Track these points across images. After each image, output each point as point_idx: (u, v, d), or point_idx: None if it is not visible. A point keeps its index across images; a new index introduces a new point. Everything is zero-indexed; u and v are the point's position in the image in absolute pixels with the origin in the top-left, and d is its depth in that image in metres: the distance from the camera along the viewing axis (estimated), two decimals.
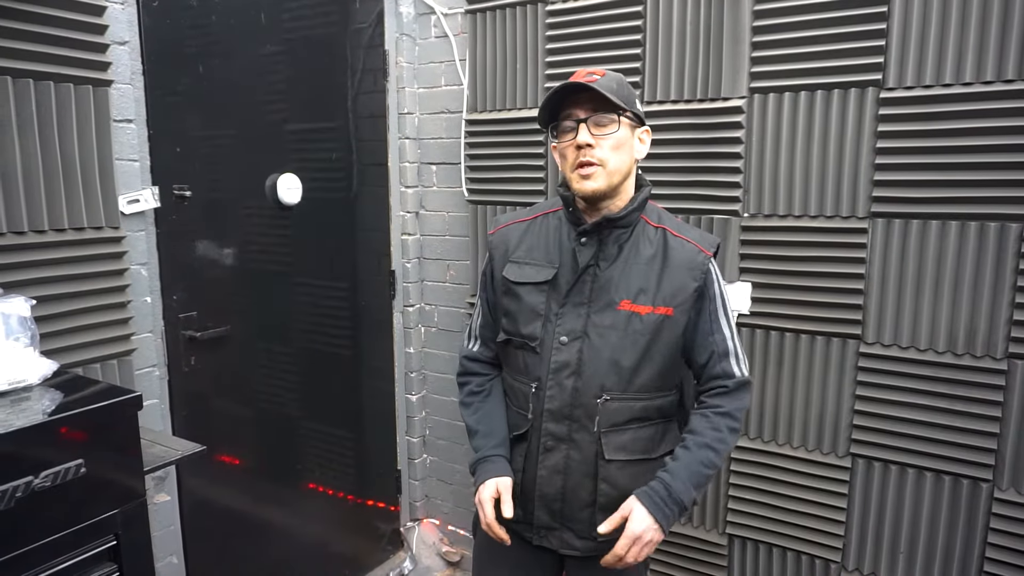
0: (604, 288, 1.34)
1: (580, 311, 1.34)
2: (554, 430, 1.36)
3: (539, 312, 1.37)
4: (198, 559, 1.97)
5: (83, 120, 1.57)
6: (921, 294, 1.77)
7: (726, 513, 2.10)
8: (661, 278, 1.34)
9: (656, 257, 1.35)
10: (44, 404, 1.16)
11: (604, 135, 1.29)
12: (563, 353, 1.34)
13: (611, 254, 1.35)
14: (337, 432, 2.45)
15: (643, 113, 1.36)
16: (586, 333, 1.34)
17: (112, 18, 1.62)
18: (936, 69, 1.68)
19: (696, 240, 1.38)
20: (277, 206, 2.12)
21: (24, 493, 1.03)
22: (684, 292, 1.34)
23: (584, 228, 1.35)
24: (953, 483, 1.79)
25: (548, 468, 1.37)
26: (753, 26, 1.87)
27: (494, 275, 1.47)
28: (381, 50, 2.45)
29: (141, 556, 1.22)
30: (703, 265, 1.35)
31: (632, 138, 1.34)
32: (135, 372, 1.72)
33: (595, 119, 1.29)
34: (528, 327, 1.38)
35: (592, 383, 1.33)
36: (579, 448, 1.36)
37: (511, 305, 1.42)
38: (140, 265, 1.74)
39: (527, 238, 1.44)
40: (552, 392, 1.35)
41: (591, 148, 1.28)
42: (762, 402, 2.01)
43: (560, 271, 1.37)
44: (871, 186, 1.79)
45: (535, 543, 1.43)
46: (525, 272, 1.40)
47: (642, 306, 1.32)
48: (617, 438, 1.35)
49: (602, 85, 1.27)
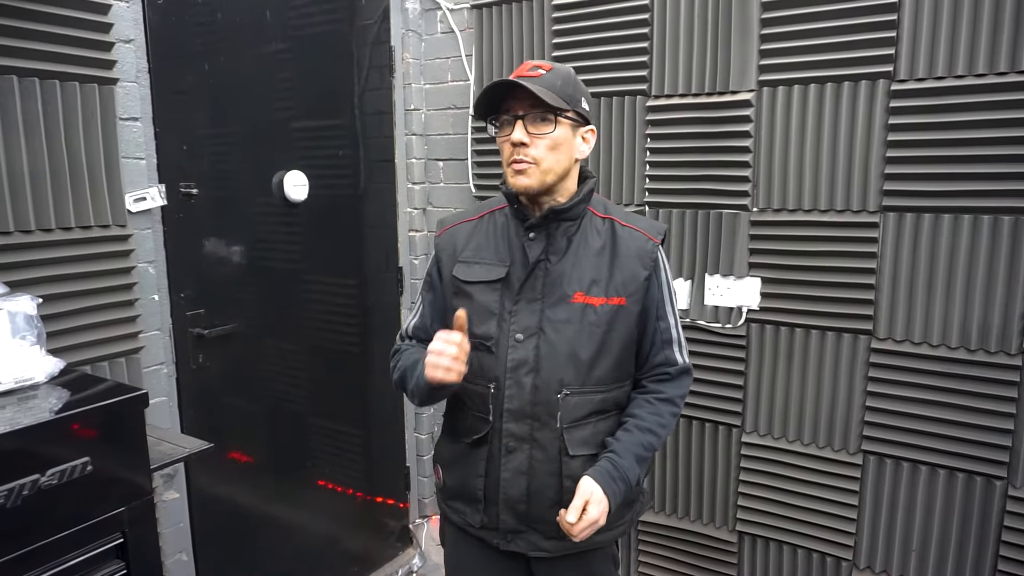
0: (556, 282, 1.32)
1: (534, 307, 1.32)
2: (515, 430, 1.33)
3: (493, 311, 1.34)
4: (207, 556, 1.98)
5: (89, 118, 1.57)
6: (933, 289, 1.75)
7: (736, 510, 2.08)
8: (612, 268, 1.32)
9: (606, 248, 1.34)
10: (51, 402, 1.16)
11: (540, 134, 1.25)
12: (519, 351, 1.31)
13: (560, 247, 1.33)
14: (345, 429, 2.45)
15: (588, 112, 1.32)
16: (541, 329, 1.31)
17: (117, 16, 1.62)
18: (948, 60, 1.66)
19: (644, 229, 1.37)
20: (284, 203, 2.12)
21: (31, 491, 1.03)
22: (636, 281, 1.33)
23: (531, 222, 1.32)
24: (966, 480, 1.77)
25: (511, 470, 1.34)
26: (762, 18, 1.85)
27: (442, 276, 1.43)
28: (387, 46, 2.44)
29: (148, 553, 1.22)
30: (652, 253, 1.35)
31: (573, 138, 1.30)
32: (143, 370, 1.73)
33: (532, 117, 1.25)
34: (482, 327, 1.34)
35: (551, 379, 1.31)
36: (542, 447, 1.33)
37: (464, 305, 1.35)
38: (147, 263, 1.74)
39: (475, 237, 1.40)
40: (511, 391, 1.32)
41: (525, 147, 1.25)
42: (772, 398, 2.00)
43: (511, 268, 1.34)
44: (882, 180, 1.76)
45: (502, 548, 1.39)
46: (475, 271, 1.37)
47: (595, 297, 1.31)
48: (579, 433, 1.33)
49: (545, 82, 1.23)
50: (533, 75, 1.25)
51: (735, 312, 2.00)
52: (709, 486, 2.13)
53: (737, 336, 2.01)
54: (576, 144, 1.31)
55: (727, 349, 2.03)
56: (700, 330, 2.06)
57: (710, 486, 2.13)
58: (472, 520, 1.40)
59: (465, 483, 1.40)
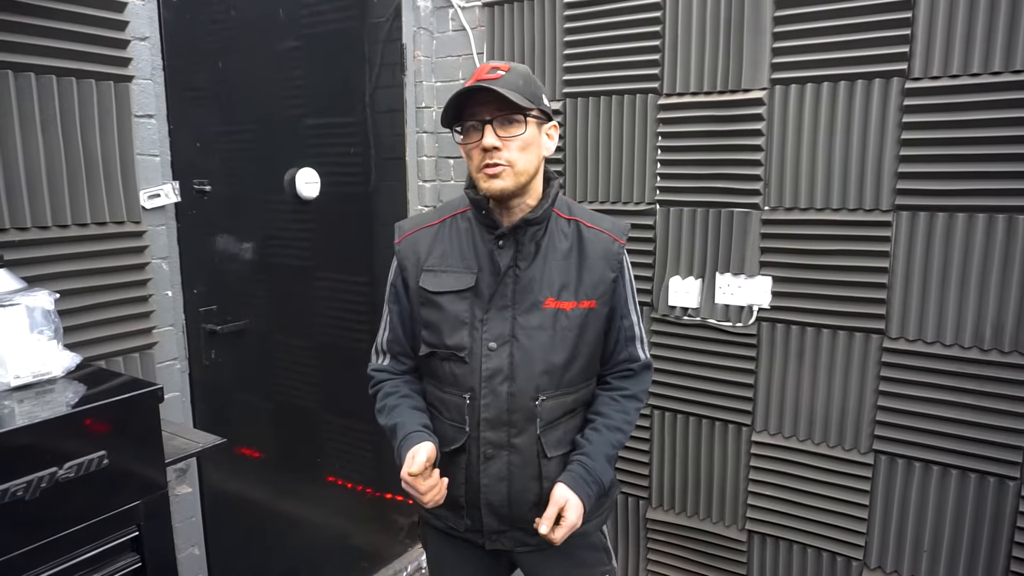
0: (527, 288, 1.31)
1: (505, 315, 1.31)
2: (492, 438, 1.32)
3: (464, 320, 1.32)
4: (219, 550, 1.99)
5: (105, 115, 1.58)
6: (946, 288, 1.74)
7: (746, 509, 2.08)
8: (581, 272, 1.33)
9: (573, 251, 1.34)
10: (67, 396, 1.18)
11: (511, 136, 1.24)
12: (493, 359, 1.30)
13: (529, 253, 1.32)
14: (356, 426, 2.46)
15: (551, 108, 1.32)
16: (514, 336, 1.30)
17: (132, 14, 1.63)
18: (963, 58, 1.65)
19: (609, 230, 1.37)
20: (296, 200, 2.13)
21: (49, 483, 1.04)
22: (604, 283, 1.34)
23: (502, 231, 1.30)
24: (979, 481, 1.76)
25: (491, 476, 1.34)
26: (775, 16, 1.84)
27: (407, 286, 1.39)
28: (399, 44, 2.45)
29: (163, 547, 1.24)
30: (618, 255, 1.36)
31: (539, 135, 1.30)
32: (156, 365, 1.74)
33: (501, 120, 1.24)
34: (453, 337, 1.32)
35: (527, 386, 1.30)
36: (519, 452, 1.33)
37: (432, 316, 1.35)
38: (161, 259, 1.75)
39: (438, 244, 1.37)
40: (487, 400, 1.31)
41: (498, 151, 1.24)
42: (783, 397, 1.99)
43: (480, 276, 1.32)
44: (895, 178, 1.76)
45: (488, 547, 1.40)
46: (444, 280, 1.34)
47: (566, 302, 1.31)
48: (553, 434, 1.34)
49: (507, 83, 1.23)
50: (493, 77, 1.24)
51: (746, 311, 2.00)
52: (719, 485, 2.12)
53: (748, 335, 2.01)
54: (543, 142, 1.31)
55: (737, 348, 2.03)
56: (710, 328, 2.06)
57: (720, 485, 2.12)
58: (456, 525, 1.41)
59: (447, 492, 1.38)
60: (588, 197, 2.21)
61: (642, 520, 2.28)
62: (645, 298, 2.15)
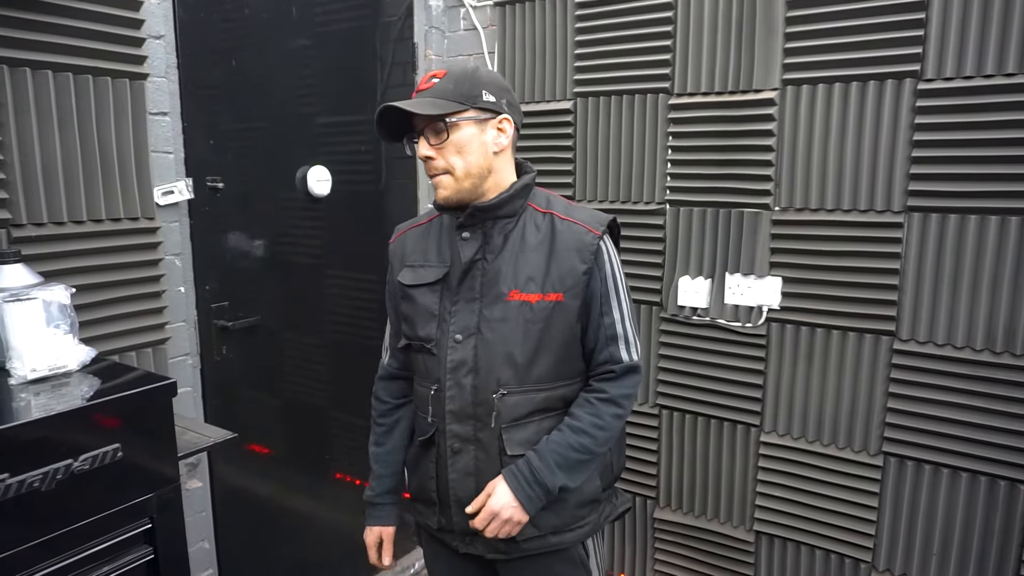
0: (493, 281, 1.30)
1: (473, 307, 1.30)
2: (459, 431, 1.32)
3: (433, 312, 1.33)
4: (228, 545, 2.01)
5: (120, 113, 1.60)
6: (958, 290, 1.73)
7: (754, 510, 2.08)
8: (549, 264, 1.29)
9: (543, 243, 1.30)
10: (83, 389, 1.19)
11: (439, 144, 1.25)
12: (459, 352, 1.31)
13: (497, 245, 1.31)
14: (364, 423, 2.45)
15: (495, 103, 1.27)
16: (479, 329, 1.30)
17: (148, 12, 1.64)
18: (977, 59, 1.64)
19: (584, 221, 1.32)
20: (307, 198, 2.14)
21: (64, 475, 1.06)
22: (573, 275, 1.29)
23: (460, 221, 1.31)
24: (989, 484, 1.75)
25: (459, 471, 1.33)
26: (787, 16, 1.84)
27: (393, 283, 1.44)
28: (410, 43, 2.46)
29: (175, 540, 1.25)
30: (591, 246, 1.30)
31: (482, 134, 1.27)
32: (169, 360, 1.75)
33: (431, 129, 1.25)
34: (424, 329, 1.35)
35: (489, 379, 1.29)
36: (484, 448, 1.32)
37: (407, 309, 1.39)
38: (174, 255, 1.77)
39: (422, 241, 1.41)
40: (452, 392, 1.31)
41: (432, 160, 1.26)
42: (791, 398, 1.99)
43: (451, 269, 1.33)
44: (907, 180, 1.75)
45: (461, 551, 1.39)
46: (419, 274, 1.37)
47: (531, 294, 1.28)
48: (519, 433, 1.31)
49: (436, 91, 1.25)
50: (428, 86, 1.26)
51: (755, 311, 2.00)
52: (727, 485, 2.12)
53: (757, 335, 2.00)
54: (488, 139, 1.28)
55: (746, 348, 2.03)
56: (719, 329, 2.06)
57: (727, 485, 2.12)
58: (431, 522, 1.42)
59: (421, 485, 1.41)
60: (598, 196, 2.21)
61: (649, 520, 2.28)
62: (654, 297, 2.15)
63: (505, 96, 1.30)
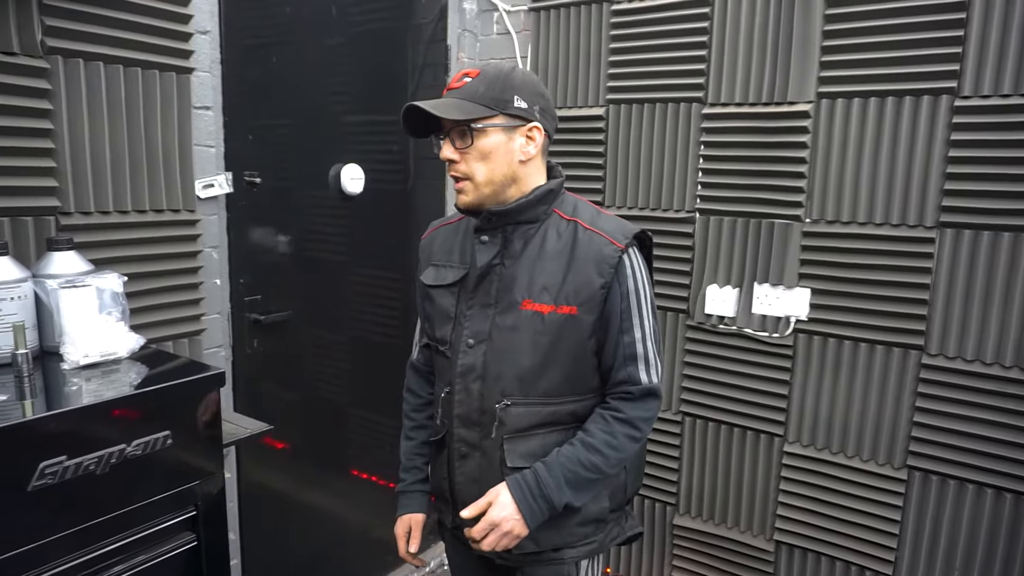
0: (508, 287, 1.25)
1: (487, 312, 1.26)
2: (465, 436, 1.29)
3: (449, 315, 1.30)
4: (251, 536, 2.02)
5: (166, 106, 1.62)
6: (989, 307, 1.74)
7: (775, 519, 2.08)
8: (566, 275, 1.22)
9: (563, 252, 1.24)
10: (131, 376, 1.21)
11: (464, 148, 1.20)
12: (469, 356, 1.27)
13: (516, 251, 1.25)
14: (385, 421, 2.48)
15: (527, 109, 1.21)
16: (491, 335, 1.25)
17: (196, 8, 1.67)
18: (1015, 78, 1.65)
19: (608, 232, 1.24)
20: (340, 195, 2.16)
21: (118, 459, 1.07)
22: (589, 288, 1.21)
23: (478, 225, 1.27)
24: (1015, 501, 1.76)
25: (464, 476, 1.31)
26: (824, 30, 1.85)
27: (419, 279, 1.42)
28: (443, 45, 2.48)
29: (218, 528, 1.27)
30: (611, 259, 1.22)
31: (509, 141, 1.20)
32: (204, 351, 1.77)
33: (455, 132, 1.20)
34: (440, 330, 1.32)
35: (494, 387, 1.25)
36: (487, 456, 1.28)
37: (428, 309, 1.37)
38: (212, 248, 1.79)
39: (449, 241, 1.37)
40: (460, 397, 1.28)
41: (455, 163, 1.22)
42: (816, 409, 1.99)
43: (470, 272, 1.29)
44: (941, 195, 1.76)
45: (474, 551, 1.32)
46: (440, 274, 1.34)
47: (544, 305, 1.22)
48: (522, 445, 1.25)
49: (466, 92, 1.19)
50: (459, 86, 1.21)
51: (783, 322, 2.01)
52: (748, 494, 2.13)
53: (784, 346, 2.01)
54: (516, 147, 1.21)
55: (773, 358, 2.04)
56: (746, 338, 2.07)
57: (749, 494, 2.13)
58: (446, 520, 1.42)
59: (437, 483, 1.41)
60: (628, 203, 2.22)
61: (668, 526, 2.29)
62: (681, 305, 2.16)
63: (538, 102, 1.23)
